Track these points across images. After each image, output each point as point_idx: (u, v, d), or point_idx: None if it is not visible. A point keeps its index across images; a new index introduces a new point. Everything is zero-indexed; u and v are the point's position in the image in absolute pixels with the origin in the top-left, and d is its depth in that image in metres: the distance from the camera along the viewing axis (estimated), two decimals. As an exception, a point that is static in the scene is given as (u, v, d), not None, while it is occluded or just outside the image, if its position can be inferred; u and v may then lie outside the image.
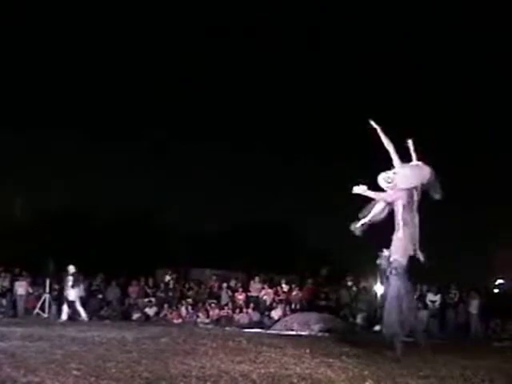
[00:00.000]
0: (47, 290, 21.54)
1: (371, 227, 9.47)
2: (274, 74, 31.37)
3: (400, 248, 8.85)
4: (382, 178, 9.31)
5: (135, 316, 21.69)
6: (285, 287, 22.19)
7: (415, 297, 9.18)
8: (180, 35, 31.92)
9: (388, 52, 28.74)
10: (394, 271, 8.77)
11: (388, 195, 9.30)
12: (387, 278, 8.95)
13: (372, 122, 9.51)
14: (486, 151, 26.32)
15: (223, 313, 21.55)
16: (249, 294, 22.37)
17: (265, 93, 31.67)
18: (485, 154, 26.09)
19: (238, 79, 31.99)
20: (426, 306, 19.30)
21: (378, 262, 9.27)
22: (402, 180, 9.18)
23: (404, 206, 9.00)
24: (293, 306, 21.43)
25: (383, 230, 9.24)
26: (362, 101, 28.39)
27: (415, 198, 9.15)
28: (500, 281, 24.28)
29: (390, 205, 9.30)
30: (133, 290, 23.08)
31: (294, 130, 32.21)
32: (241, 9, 28.25)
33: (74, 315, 19.17)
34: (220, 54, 31.91)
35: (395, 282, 8.75)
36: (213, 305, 21.94)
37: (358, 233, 9.66)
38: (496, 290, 23.28)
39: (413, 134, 9.32)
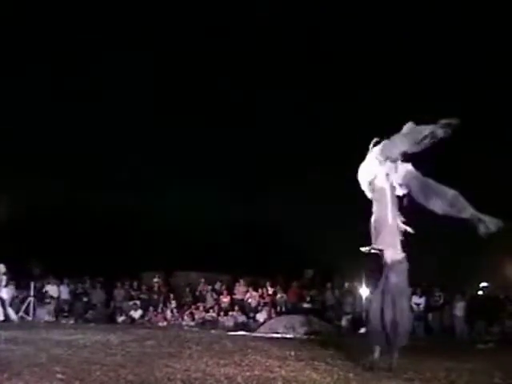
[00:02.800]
0: (32, 293, 21.47)
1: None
2: (273, 75, 31.30)
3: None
4: None
5: (120, 319, 21.67)
6: (270, 290, 22.22)
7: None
8: (180, 35, 31.81)
9: (388, 52, 28.76)
10: None
11: None
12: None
13: None
14: (485, 152, 26.38)
15: (208, 316, 21.56)
16: (234, 296, 22.40)
17: (264, 92, 31.60)
18: (484, 155, 26.15)
19: (237, 78, 31.93)
20: (410, 309, 19.39)
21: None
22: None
23: None
24: (278, 309, 21.47)
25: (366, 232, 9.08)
26: (361, 101, 28.39)
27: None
28: (484, 283, 24.35)
29: None
30: (118, 292, 23.05)
31: (291, 131, 32.14)
32: (241, 9, 28.21)
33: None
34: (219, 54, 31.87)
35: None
36: (201, 308, 21.95)
37: None
38: (480, 292, 23.35)
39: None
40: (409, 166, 8.55)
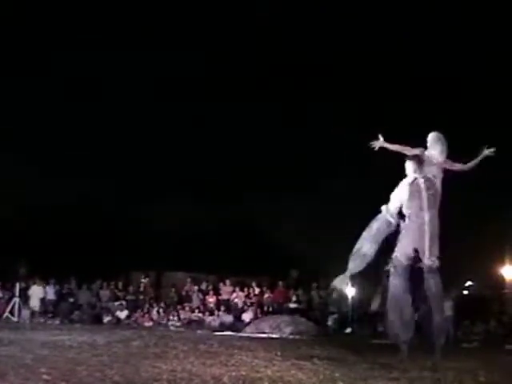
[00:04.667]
0: (17, 293, 21.39)
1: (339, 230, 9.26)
2: (271, 78, 31.33)
3: (400, 246, 8.40)
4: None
5: (106, 319, 21.62)
6: (256, 290, 22.25)
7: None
8: (178, 35, 31.82)
9: (388, 53, 28.88)
10: (392, 269, 8.41)
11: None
12: (387, 277, 8.54)
13: (376, 143, 8.86)
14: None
15: (194, 316, 21.56)
16: (220, 296, 22.41)
17: (263, 93, 31.65)
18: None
19: (238, 79, 31.95)
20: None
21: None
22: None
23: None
24: (264, 309, 21.50)
25: (354, 229, 9.06)
26: (362, 101, 28.52)
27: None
28: (469, 282, 24.45)
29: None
30: (104, 293, 23.01)
31: (287, 130, 32.22)
32: (241, 8, 28.27)
33: None
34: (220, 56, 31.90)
35: (393, 282, 8.40)
36: (187, 308, 21.94)
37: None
38: (465, 292, 23.47)
39: (414, 135, 9.02)
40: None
